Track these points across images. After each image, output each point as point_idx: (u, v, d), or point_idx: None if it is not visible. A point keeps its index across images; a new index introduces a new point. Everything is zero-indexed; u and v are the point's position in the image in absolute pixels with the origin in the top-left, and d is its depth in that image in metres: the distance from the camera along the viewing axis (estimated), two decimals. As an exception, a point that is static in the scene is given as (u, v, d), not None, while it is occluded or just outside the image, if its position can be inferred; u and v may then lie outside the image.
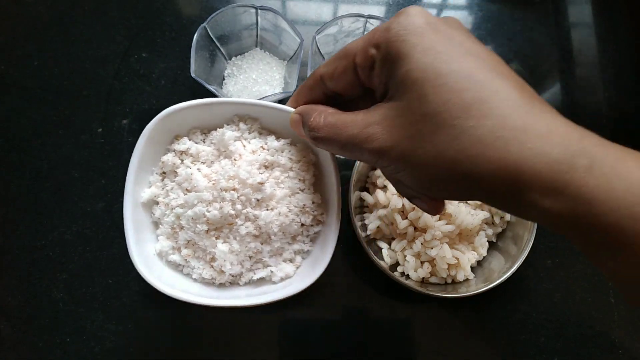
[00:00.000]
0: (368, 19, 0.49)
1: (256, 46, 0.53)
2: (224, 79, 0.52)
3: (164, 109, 0.52)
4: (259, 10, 0.49)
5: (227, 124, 0.42)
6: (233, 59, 0.52)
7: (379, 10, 0.58)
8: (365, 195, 0.47)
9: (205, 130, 0.43)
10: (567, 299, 0.48)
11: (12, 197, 0.49)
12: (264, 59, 0.52)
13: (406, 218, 0.44)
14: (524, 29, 0.57)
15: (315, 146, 0.33)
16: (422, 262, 0.44)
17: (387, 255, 0.45)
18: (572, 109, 0.55)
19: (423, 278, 0.45)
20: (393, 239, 0.47)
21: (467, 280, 0.45)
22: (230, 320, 0.47)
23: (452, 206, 0.44)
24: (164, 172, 0.42)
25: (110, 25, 0.55)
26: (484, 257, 0.47)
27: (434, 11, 0.58)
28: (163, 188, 0.41)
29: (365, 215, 0.48)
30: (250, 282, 0.41)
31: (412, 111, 0.24)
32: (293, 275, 0.41)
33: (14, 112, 0.51)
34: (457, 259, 0.43)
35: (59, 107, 0.52)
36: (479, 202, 0.44)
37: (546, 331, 0.48)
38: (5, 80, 0.52)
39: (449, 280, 0.45)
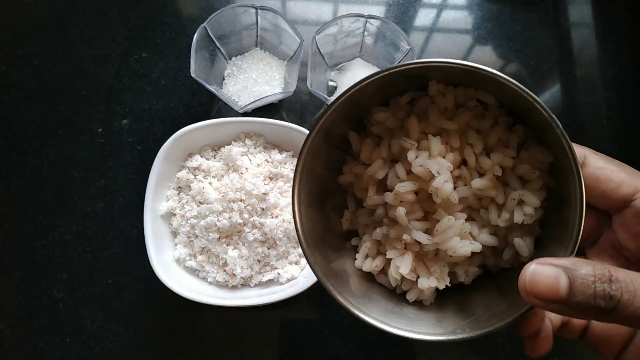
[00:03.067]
0: (368, 19, 0.49)
1: (256, 46, 0.53)
2: (224, 79, 0.52)
3: (164, 109, 0.52)
4: (259, 10, 0.48)
5: (235, 141, 0.47)
6: (233, 59, 0.52)
7: (379, 10, 0.58)
8: (351, 135, 0.32)
9: (215, 147, 0.48)
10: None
11: (12, 197, 0.49)
12: (264, 59, 0.52)
13: (381, 194, 0.31)
14: (524, 29, 0.57)
15: (578, 315, 0.22)
16: (378, 254, 0.31)
17: (345, 220, 0.32)
18: (572, 109, 0.55)
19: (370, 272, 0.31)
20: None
21: (420, 302, 0.30)
22: (230, 320, 0.47)
23: (445, 216, 0.28)
24: (180, 187, 0.46)
25: (110, 25, 0.55)
26: (470, 285, 0.31)
27: (433, 11, 0.58)
28: (179, 201, 0.46)
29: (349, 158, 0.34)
30: (260, 284, 0.45)
31: None
32: (298, 276, 0.44)
33: (14, 112, 0.51)
34: (417, 277, 0.29)
35: (59, 107, 0.52)
36: (492, 222, 0.29)
37: (546, 331, 0.47)
38: (5, 80, 0.52)
39: (398, 291, 0.31)
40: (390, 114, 0.30)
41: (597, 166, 0.27)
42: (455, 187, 0.28)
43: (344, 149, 0.33)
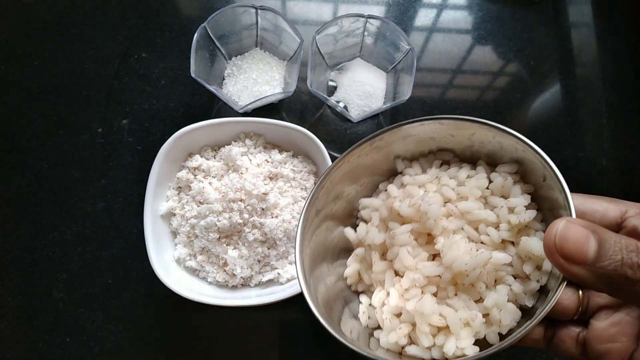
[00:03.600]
0: (368, 19, 0.49)
1: (256, 46, 0.53)
2: (224, 79, 0.52)
3: (164, 109, 0.52)
4: (259, 10, 0.48)
5: (235, 141, 0.47)
6: (233, 59, 0.52)
7: (378, 10, 0.58)
8: (347, 231, 0.34)
9: (215, 147, 0.48)
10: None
11: (12, 197, 0.49)
12: (264, 59, 0.52)
13: (385, 259, 0.31)
14: (524, 29, 0.57)
15: (598, 287, 0.22)
16: (402, 322, 0.29)
17: (363, 312, 0.31)
18: (572, 109, 0.55)
19: (401, 347, 0.29)
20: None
21: (463, 356, 0.27)
22: (230, 320, 0.47)
23: (443, 239, 0.29)
24: (180, 187, 0.46)
25: (110, 25, 0.55)
26: (514, 330, 0.27)
27: (433, 11, 0.58)
28: (179, 201, 0.46)
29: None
30: (260, 284, 0.45)
31: None
32: None
33: (14, 112, 0.51)
34: (445, 318, 0.27)
35: (59, 107, 0.52)
36: (496, 240, 0.29)
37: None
38: (5, 80, 0.52)
39: (436, 355, 0.28)
40: (374, 197, 0.35)
41: (578, 203, 0.27)
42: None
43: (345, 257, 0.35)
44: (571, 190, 0.25)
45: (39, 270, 0.47)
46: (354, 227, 0.35)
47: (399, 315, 0.30)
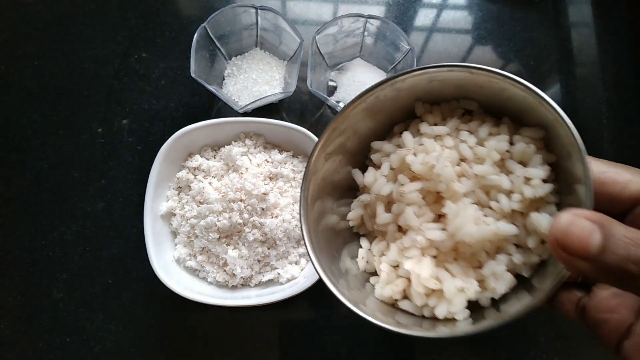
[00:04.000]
0: (368, 19, 0.48)
1: (256, 46, 0.53)
2: (224, 79, 0.52)
3: (164, 109, 0.52)
4: (259, 10, 0.48)
5: (235, 141, 0.47)
6: (233, 59, 0.52)
7: (378, 10, 0.58)
8: (355, 172, 0.33)
9: (216, 147, 0.48)
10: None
11: (12, 197, 0.49)
12: (263, 59, 0.52)
13: (390, 211, 0.31)
14: (524, 29, 0.57)
15: (599, 278, 0.22)
16: (398, 277, 0.30)
17: (362, 257, 0.32)
18: (572, 109, 0.55)
19: (394, 300, 0.30)
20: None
21: (452, 320, 0.27)
22: (230, 320, 0.47)
23: (454, 205, 0.28)
24: (180, 187, 0.46)
25: (110, 25, 0.55)
26: (506, 298, 0.28)
27: (433, 11, 0.58)
28: (179, 201, 0.46)
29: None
30: (260, 284, 0.45)
31: None
32: (298, 276, 0.44)
33: (14, 112, 0.51)
34: (440, 281, 0.28)
35: (59, 107, 0.52)
36: (506, 209, 0.27)
37: (546, 331, 0.47)
38: (5, 80, 0.52)
39: (427, 313, 0.28)
40: (386, 140, 0.33)
41: (600, 170, 0.26)
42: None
43: (349, 196, 0.34)
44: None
45: (39, 270, 0.47)
46: (365, 167, 0.33)
47: (396, 267, 0.30)
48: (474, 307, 0.28)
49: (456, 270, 0.28)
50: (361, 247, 0.32)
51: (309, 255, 0.29)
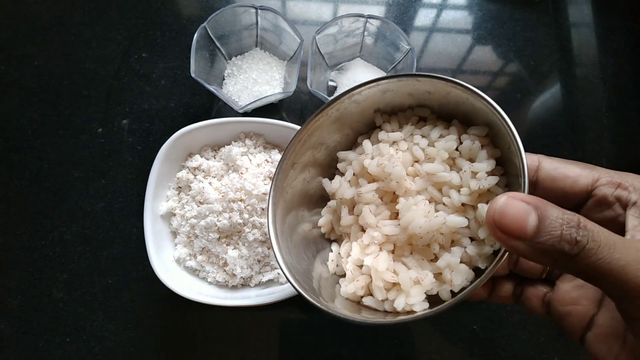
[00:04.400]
0: (368, 19, 0.48)
1: (256, 46, 0.53)
2: (224, 79, 0.52)
3: (164, 109, 0.52)
4: (259, 10, 0.48)
5: (235, 141, 0.47)
6: (233, 59, 0.52)
7: (378, 10, 0.58)
8: (325, 182, 0.35)
9: (215, 147, 0.48)
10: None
11: (12, 197, 0.49)
12: (263, 59, 0.52)
13: (353, 213, 0.32)
14: (524, 29, 0.57)
15: (534, 258, 0.22)
16: (362, 274, 0.31)
17: (332, 260, 0.33)
18: (572, 109, 0.55)
19: (360, 297, 0.31)
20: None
21: (412, 312, 0.28)
22: (230, 320, 0.47)
23: (404, 200, 0.29)
24: (180, 187, 0.46)
25: (110, 25, 0.55)
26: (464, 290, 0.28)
27: (433, 11, 0.58)
28: (179, 201, 0.46)
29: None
30: (260, 284, 0.45)
31: None
32: None
33: (14, 112, 0.51)
34: (397, 274, 0.29)
35: (59, 107, 0.52)
36: (456, 202, 0.29)
37: (546, 331, 0.47)
38: (5, 80, 0.52)
39: (388, 307, 0.29)
40: (351, 151, 0.35)
41: (552, 167, 0.27)
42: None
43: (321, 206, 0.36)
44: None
45: (39, 270, 0.47)
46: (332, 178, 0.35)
47: (361, 266, 0.31)
48: (437, 302, 0.28)
49: (412, 263, 0.29)
50: (332, 251, 0.34)
51: (277, 263, 0.30)
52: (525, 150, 0.26)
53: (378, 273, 0.29)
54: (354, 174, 0.33)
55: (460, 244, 0.29)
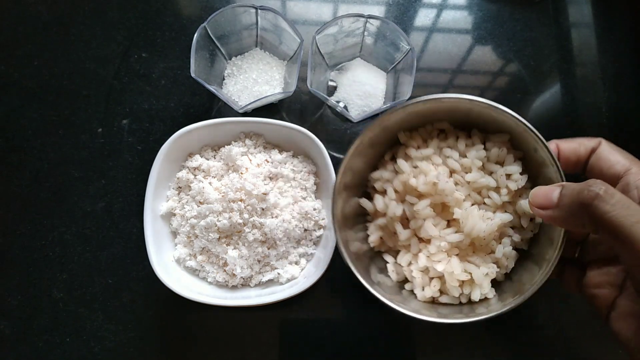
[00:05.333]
0: (368, 19, 0.48)
1: (256, 46, 0.53)
2: (224, 79, 0.52)
3: (164, 109, 0.52)
4: (259, 10, 0.48)
5: (235, 141, 0.46)
6: (233, 59, 0.52)
7: (378, 10, 0.58)
8: (363, 202, 0.39)
9: (215, 147, 0.47)
10: (567, 300, 0.48)
11: (12, 197, 0.49)
12: (263, 59, 0.52)
13: (408, 227, 0.37)
14: (524, 29, 0.57)
15: (571, 226, 0.29)
16: (430, 279, 0.36)
17: (392, 270, 0.38)
18: (572, 109, 0.54)
19: (433, 298, 0.36)
20: (399, 251, 0.39)
21: (486, 299, 0.35)
22: (230, 320, 0.46)
23: (461, 210, 0.34)
24: (180, 187, 0.46)
25: (110, 25, 0.54)
26: (514, 270, 0.36)
27: (433, 11, 0.57)
28: (179, 201, 0.45)
29: (368, 224, 0.40)
30: (260, 284, 0.44)
31: None
32: (298, 276, 0.44)
33: (14, 112, 0.51)
34: (470, 274, 0.35)
35: (59, 107, 0.51)
36: (498, 202, 0.35)
37: (546, 331, 0.47)
38: (5, 80, 0.52)
39: (464, 300, 0.35)
40: (382, 170, 0.39)
41: (605, 150, 0.33)
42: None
43: (361, 222, 0.40)
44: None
45: (39, 270, 0.47)
46: (364, 196, 0.40)
47: (424, 271, 0.36)
48: (493, 284, 0.35)
49: (477, 260, 0.35)
50: (387, 262, 0.38)
51: (363, 284, 0.34)
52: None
53: (453, 275, 0.34)
54: (395, 191, 0.37)
55: (507, 234, 0.36)
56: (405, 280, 0.38)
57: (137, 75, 0.53)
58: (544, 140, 0.32)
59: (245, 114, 0.50)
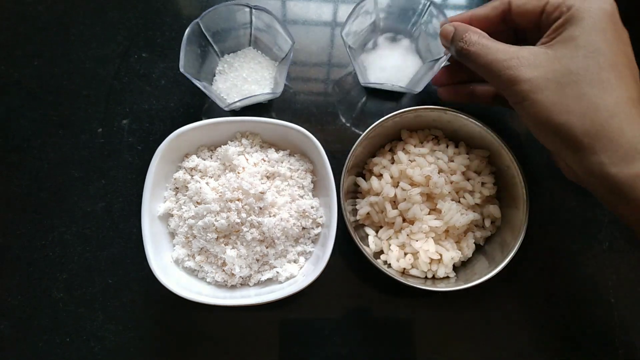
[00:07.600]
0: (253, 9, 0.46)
1: (249, 45, 0.51)
2: (214, 76, 0.51)
3: (164, 109, 0.51)
4: (253, 10, 0.47)
5: (231, 140, 0.45)
6: (225, 56, 0.50)
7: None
8: (360, 180, 0.46)
9: (212, 147, 0.46)
10: (567, 300, 0.47)
11: (12, 197, 0.48)
12: (255, 58, 0.50)
13: (396, 208, 0.43)
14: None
15: (458, 58, 0.38)
16: (405, 254, 0.43)
17: (372, 242, 0.44)
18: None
19: (404, 269, 0.43)
20: (381, 227, 0.45)
21: (447, 277, 0.43)
22: (230, 320, 0.45)
23: (444, 203, 0.42)
24: (177, 188, 0.45)
25: (110, 25, 0.53)
26: (469, 259, 0.44)
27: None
28: (177, 202, 0.44)
29: (357, 200, 0.46)
30: (259, 283, 0.43)
31: (559, 61, 0.32)
32: (297, 275, 0.43)
33: (14, 112, 0.50)
34: (440, 255, 0.42)
35: (59, 107, 0.50)
36: (471, 203, 0.43)
37: (546, 331, 0.46)
38: (5, 80, 0.51)
39: (429, 275, 0.43)
40: (381, 157, 0.46)
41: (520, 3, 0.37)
42: None
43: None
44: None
45: (39, 270, 0.46)
46: (358, 175, 0.47)
47: (402, 247, 0.43)
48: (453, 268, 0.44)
49: (448, 245, 0.43)
50: (368, 234, 0.45)
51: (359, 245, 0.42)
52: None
53: (427, 253, 0.42)
54: (391, 177, 0.44)
55: (471, 230, 0.44)
56: (381, 252, 0.44)
57: (137, 75, 0.52)
58: (516, 160, 0.43)
59: (238, 113, 0.49)
